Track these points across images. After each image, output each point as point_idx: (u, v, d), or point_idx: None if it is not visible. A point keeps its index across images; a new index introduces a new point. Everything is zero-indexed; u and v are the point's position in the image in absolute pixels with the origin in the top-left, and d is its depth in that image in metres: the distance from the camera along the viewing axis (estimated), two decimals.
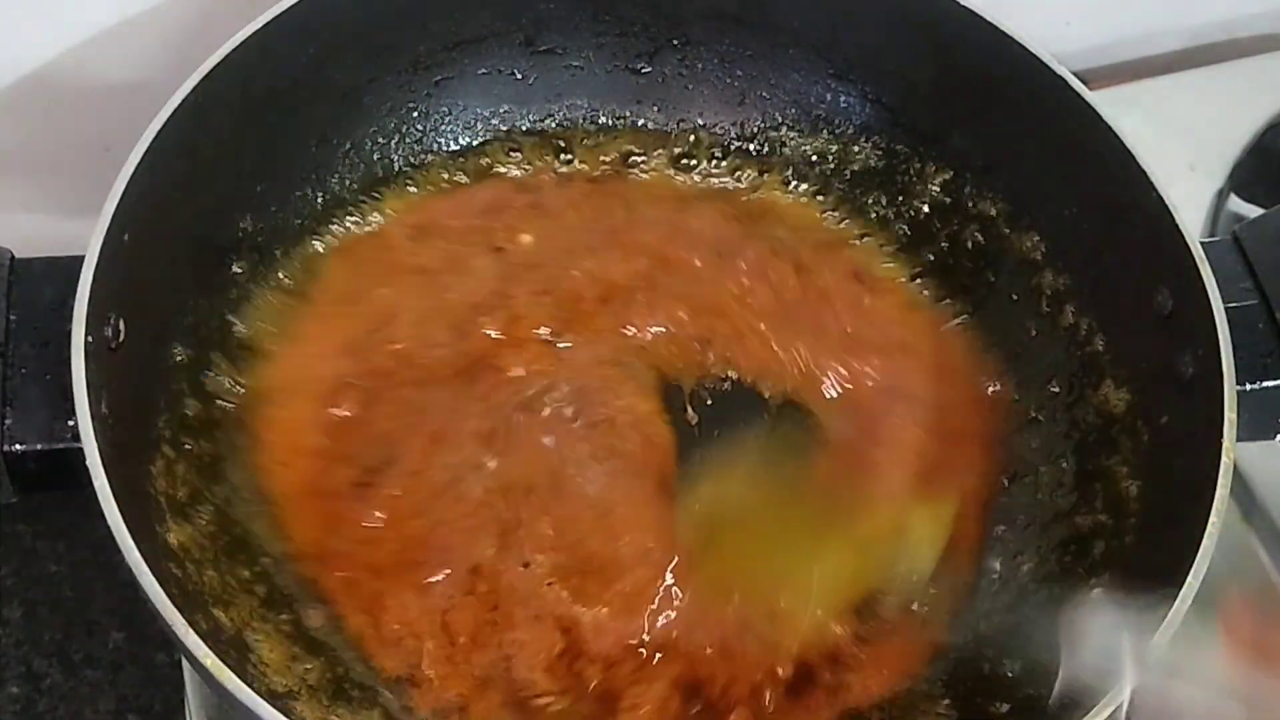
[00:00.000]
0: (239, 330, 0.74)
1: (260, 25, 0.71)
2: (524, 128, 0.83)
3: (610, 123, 0.84)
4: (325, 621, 0.67)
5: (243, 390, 0.72)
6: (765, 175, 0.84)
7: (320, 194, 0.78)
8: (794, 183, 0.83)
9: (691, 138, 0.84)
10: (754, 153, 0.84)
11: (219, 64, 0.69)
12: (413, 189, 0.81)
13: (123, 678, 0.85)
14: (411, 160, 0.81)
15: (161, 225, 0.67)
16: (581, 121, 0.84)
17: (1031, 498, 0.74)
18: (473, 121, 0.82)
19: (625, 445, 0.72)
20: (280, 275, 0.76)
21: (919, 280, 0.81)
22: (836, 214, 0.83)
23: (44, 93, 0.82)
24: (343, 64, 0.77)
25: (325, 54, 0.75)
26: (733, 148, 0.84)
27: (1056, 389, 0.75)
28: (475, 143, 0.82)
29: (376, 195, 0.80)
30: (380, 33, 0.77)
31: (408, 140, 0.81)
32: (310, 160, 0.78)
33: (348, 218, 0.79)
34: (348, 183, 0.79)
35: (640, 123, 0.84)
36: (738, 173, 0.84)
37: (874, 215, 0.82)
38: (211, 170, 0.71)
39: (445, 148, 0.82)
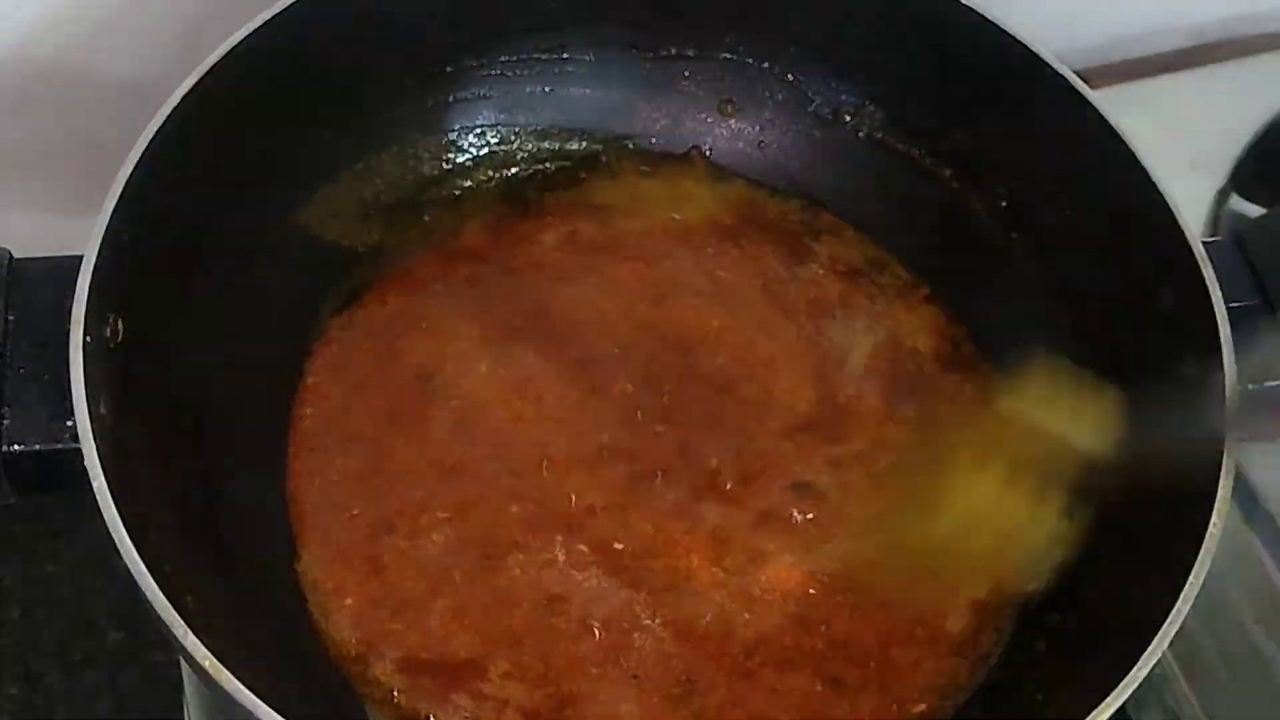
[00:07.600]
0: None
1: (260, 24, 0.70)
2: (527, 128, 0.83)
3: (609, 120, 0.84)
4: None
5: None
6: (761, 172, 0.84)
7: None
8: (791, 182, 0.83)
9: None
10: (752, 151, 0.84)
11: (219, 63, 0.69)
12: None
13: (121, 678, 0.85)
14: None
15: (161, 225, 0.67)
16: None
17: None
18: (474, 122, 0.83)
19: None
20: None
21: (917, 280, 0.81)
22: (835, 213, 0.83)
23: (44, 92, 0.82)
24: (343, 63, 0.77)
25: (326, 52, 0.75)
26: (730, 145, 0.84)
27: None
28: (478, 144, 0.83)
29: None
30: (380, 31, 0.77)
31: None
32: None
33: None
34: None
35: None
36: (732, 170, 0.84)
37: (872, 215, 0.82)
38: (212, 170, 0.71)
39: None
